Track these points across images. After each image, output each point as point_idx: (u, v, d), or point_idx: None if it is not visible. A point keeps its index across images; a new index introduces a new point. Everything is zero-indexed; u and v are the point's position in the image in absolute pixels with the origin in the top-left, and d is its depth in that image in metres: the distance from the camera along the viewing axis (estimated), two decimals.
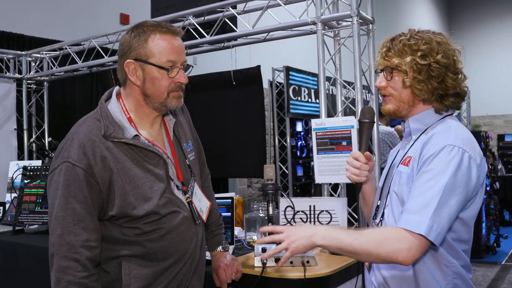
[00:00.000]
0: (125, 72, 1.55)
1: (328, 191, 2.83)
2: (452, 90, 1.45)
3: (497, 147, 11.58)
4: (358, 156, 1.60)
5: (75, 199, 1.43)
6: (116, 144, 1.49)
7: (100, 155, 1.46)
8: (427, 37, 1.46)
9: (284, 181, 6.44)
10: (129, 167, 1.49)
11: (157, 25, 1.55)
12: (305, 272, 1.84)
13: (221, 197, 2.61)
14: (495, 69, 14.15)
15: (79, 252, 1.42)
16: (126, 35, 1.57)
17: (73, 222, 1.43)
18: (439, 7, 15.24)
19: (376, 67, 1.56)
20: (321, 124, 2.55)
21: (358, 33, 2.74)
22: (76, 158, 1.44)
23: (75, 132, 1.52)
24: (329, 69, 2.95)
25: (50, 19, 5.01)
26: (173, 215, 1.56)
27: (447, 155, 1.34)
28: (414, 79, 1.44)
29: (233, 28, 3.43)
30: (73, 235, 1.42)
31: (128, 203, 1.48)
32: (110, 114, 1.54)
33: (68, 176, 1.44)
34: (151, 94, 1.54)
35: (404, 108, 1.51)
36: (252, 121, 4.11)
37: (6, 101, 4.63)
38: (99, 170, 1.45)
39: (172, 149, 1.65)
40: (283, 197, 2.45)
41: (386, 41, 1.52)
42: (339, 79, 2.98)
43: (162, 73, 1.52)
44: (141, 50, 1.52)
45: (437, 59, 1.42)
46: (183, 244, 1.58)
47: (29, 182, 3.01)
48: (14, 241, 2.80)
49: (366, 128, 1.63)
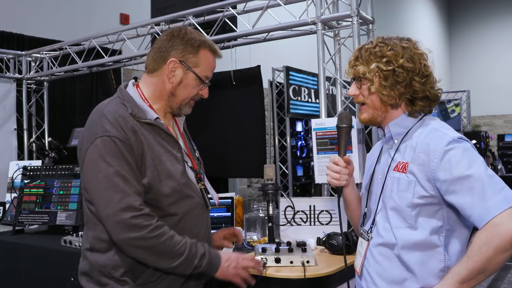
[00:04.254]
0: (163, 64, 1.63)
1: (328, 191, 2.83)
2: (421, 94, 1.47)
3: (497, 147, 11.58)
4: (337, 160, 1.64)
5: (121, 167, 1.48)
6: (141, 124, 1.57)
7: (131, 129, 1.53)
8: (392, 43, 1.49)
9: (284, 181, 6.44)
10: (154, 144, 1.57)
11: (206, 41, 1.68)
12: (305, 272, 1.84)
13: (221, 197, 2.61)
14: (495, 69, 14.15)
15: (142, 209, 1.48)
16: (175, 33, 1.65)
17: (128, 188, 1.48)
18: (439, 7, 15.23)
19: (347, 77, 1.60)
20: (321, 124, 2.55)
21: (358, 33, 2.74)
22: (113, 131, 1.50)
23: (103, 110, 1.57)
24: (329, 69, 2.95)
25: (50, 19, 5.01)
26: (189, 199, 1.63)
27: (460, 148, 1.36)
28: (380, 85, 1.47)
29: (233, 28, 3.43)
30: (133, 199, 1.47)
31: (155, 175, 1.54)
32: (131, 98, 1.63)
33: (109, 149, 1.49)
34: (178, 95, 1.66)
35: (379, 115, 1.53)
36: (252, 121, 4.11)
37: (6, 101, 4.63)
38: (133, 142, 1.52)
39: (184, 140, 1.77)
40: (283, 197, 2.45)
41: (356, 50, 1.57)
42: (339, 79, 2.98)
43: (197, 84, 1.66)
44: (191, 56, 1.63)
45: (401, 63, 1.44)
46: (196, 228, 1.65)
47: (29, 182, 3.01)
48: (14, 241, 2.80)
49: (344, 133, 1.66)
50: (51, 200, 2.93)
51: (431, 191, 1.38)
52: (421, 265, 1.40)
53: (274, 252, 1.95)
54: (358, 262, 1.59)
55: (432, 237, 1.40)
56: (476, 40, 14.77)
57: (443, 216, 1.40)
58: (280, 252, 1.94)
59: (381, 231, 1.49)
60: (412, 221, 1.41)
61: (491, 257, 1.26)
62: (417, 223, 1.41)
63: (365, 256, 1.54)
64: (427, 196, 1.39)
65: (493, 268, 1.28)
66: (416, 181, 1.40)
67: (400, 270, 1.43)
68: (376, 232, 1.52)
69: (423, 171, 1.39)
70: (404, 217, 1.43)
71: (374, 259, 1.50)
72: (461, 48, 15.14)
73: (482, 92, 13.14)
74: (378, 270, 1.49)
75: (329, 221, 2.36)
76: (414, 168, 1.41)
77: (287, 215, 2.40)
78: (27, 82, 4.81)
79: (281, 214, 2.40)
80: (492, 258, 1.26)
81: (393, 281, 1.45)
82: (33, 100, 4.96)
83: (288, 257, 1.92)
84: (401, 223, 1.43)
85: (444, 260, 1.39)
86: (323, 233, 2.24)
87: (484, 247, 1.26)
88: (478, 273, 1.28)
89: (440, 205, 1.40)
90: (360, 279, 1.58)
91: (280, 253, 1.94)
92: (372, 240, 1.53)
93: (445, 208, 1.40)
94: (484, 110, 13.75)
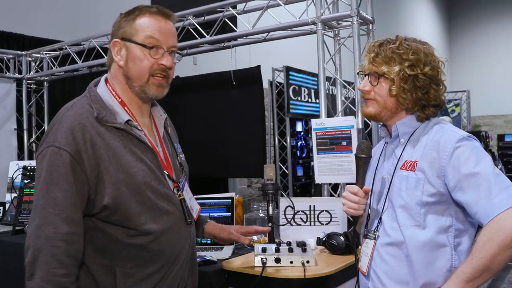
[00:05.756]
0: (111, 53, 1.49)
1: (328, 191, 2.83)
2: (433, 101, 1.49)
3: (497, 147, 11.59)
4: (356, 191, 1.54)
5: (57, 187, 1.31)
6: (108, 129, 1.40)
7: (90, 141, 1.35)
8: (414, 46, 1.48)
9: (284, 181, 6.44)
10: (121, 154, 1.39)
11: (149, 6, 1.50)
12: (305, 272, 1.84)
13: (221, 197, 2.62)
14: (495, 69, 14.15)
15: (57, 246, 1.28)
16: (118, 17, 1.52)
17: (54, 212, 1.29)
18: (439, 7, 15.23)
19: (360, 70, 1.57)
20: (321, 124, 2.55)
21: (358, 33, 2.74)
22: (63, 141, 1.33)
23: (63, 116, 1.40)
24: (329, 69, 2.95)
25: (50, 19, 5.01)
26: (167, 214, 1.46)
27: (469, 146, 1.38)
28: (400, 88, 1.46)
29: (233, 28, 3.43)
30: (52, 227, 1.28)
31: (122, 192, 1.36)
32: (100, 98, 1.45)
33: (52, 161, 1.32)
34: (132, 76, 1.46)
35: (386, 114, 1.53)
36: (252, 121, 4.10)
37: (6, 101, 4.63)
38: (88, 157, 1.33)
39: (162, 144, 1.57)
40: (283, 197, 2.45)
41: (374, 45, 1.53)
42: (339, 79, 2.98)
43: (144, 52, 1.45)
44: (127, 28, 1.47)
45: (425, 71, 1.45)
46: (178, 245, 1.50)
47: (29, 182, 3.01)
48: (14, 241, 2.80)
49: (363, 163, 1.57)
50: None
51: (440, 188, 1.39)
52: (429, 264, 1.40)
53: (274, 252, 1.94)
54: (364, 262, 1.57)
55: (440, 236, 1.40)
56: (476, 40, 14.77)
57: (451, 215, 1.41)
58: (280, 252, 1.94)
59: (388, 230, 1.48)
60: (421, 219, 1.41)
61: (495, 254, 1.26)
62: (426, 222, 1.41)
63: (371, 256, 1.53)
64: (436, 193, 1.40)
65: (497, 266, 1.28)
66: (425, 179, 1.41)
67: (407, 269, 1.43)
68: (383, 232, 1.51)
69: (433, 167, 1.40)
70: (412, 215, 1.43)
71: (382, 258, 1.49)
72: (461, 48, 15.14)
73: (482, 92, 13.14)
74: (386, 269, 1.48)
75: (329, 221, 2.36)
76: (424, 165, 1.42)
77: (287, 215, 2.39)
78: (27, 82, 4.80)
79: (281, 214, 2.40)
80: (496, 255, 1.26)
81: (401, 281, 1.44)
82: (33, 100, 4.96)
83: (288, 257, 1.92)
84: (409, 221, 1.43)
85: (451, 259, 1.40)
86: (323, 233, 2.24)
87: (488, 243, 1.27)
88: (483, 271, 1.29)
89: (448, 204, 1.40)
90: (367, 280, 1.56)
91: (280, 253, 1.93)
92: (379, 240, 1.51)
93: (453, 207, 1.41)
94: (484, 110, 13.75)
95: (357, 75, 1.63)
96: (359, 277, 1.60)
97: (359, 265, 1.60)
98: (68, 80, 5.00)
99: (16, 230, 2.93)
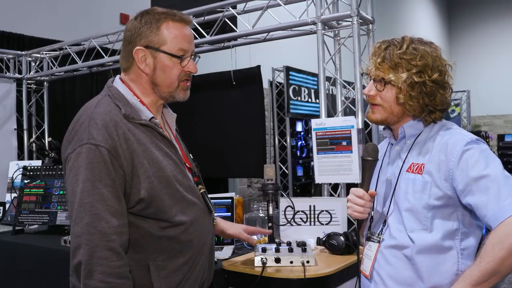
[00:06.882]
0: (132, 59, 1.49)
1: (328, 191, 2.83)
2: (440, 106, 1.46)
3: (497, 147, 11.58)
4: (362, 195, 1.51)
5: (101, 183, 1.33)
6: (135, 125, 1.43)
7: (123, 136, 1.38)
8: (422, 50, 1.44)
9: (284, 181, 6.44)
10: (151, 149, 1.43)
11: (169, 13, 1.51)
12: (305, 272, 1.84)
13: (221, 197, 2.61)
14: (495, 69, 14.14)
15: (112, 240, 1.32)
16: (134, 21, 1.51)
17: (103, 208, 1.32)
18: (439, 7, 15.23)
19: (366, 72, 1.54)
20: (321, 124, 2.55)
21: (358, 33, 2.74)
22: (100, 138, 1.34)
23: (92, 112, 1.41)
24: (329, 69, 2.95)
25: (50, 19, 5.01)
26: (194, 205, 1.51)
27: (477, 149, 1.36)
28: (407, 95, 1.43)
29: (233, 28, 3.43)
30: (105, 222, 1.31)
31: (155, 185, 1.40)
32: (123, 96, 1.48)
33: (91, 159, 1.33)
34: (161, 83, 1.50)
35: (393, 120, 1.51)
36: (252, 121, 4.10)
37: (6, 101, 4.63)
38: (123, 151, 1.37)
39: (177, 141, 1.63)
40: (283, 197, 2.45)
41: (380, 48, 1.48)
42: (339, 79, 2.98)
43: (174, 62, 1.49)
44: (153, 37, 1.47)
45: (433, 78, 1.42)
46: (203, 237, 1.54)
47: (29, 182, 3.01)
48: (14, 241, 2.80)
49: (369, 166, 1.53)
50: (51, 200, 2.93)
51: (448, 191, 1.38)
52: (435, 267, 1.39)
53: (274, 252, 1.95)
54: (367, 265, 1.55)
55: (447, 239, 1.39)
56: (476, 40, 14.76)
57: (458, 218, 1.40)
58: (280, 252, 1.94)
59: (394, 233, 1.47)
60: (427, 223, 1.40)
61: (504, 257, 1.23)
62: (433, 225, 1.40)
63: (375, 259, 1.51)
64: (443, 196, 1.38)
65: (506, 270, 1.25)
66: (433, 182, 1.39)
67: (412, 272, 1.42)
68: (388, 234, 1.49)
69: (441, 170, 1.38)
70: (419, 219, 1.41)
71: (386, 261, 1.48)
72: (461, 48, 15.13)
73: (482, 92, 13.13)
74: (390, 272, 1.46)
75: (329, 221, 2.36)
76: (432, 167, 1.40)
77: (287, 215, 2.39)
78: (27, 82, 4.80)
79: (281, 214, 2.40)
80: (506, 258, 1.23)
81: (405, 283, 1.43)
82: (33, 100, 4.96)
83: (288, 257, 1.92)
84: (416, 225, 1.42)
85: (457, 263, 1.38)
86: (323, 233, 2.24)
87: (497, 246, 1.24)
88: (491, 275, 1.26)
89: (455, 207, 1.39)
90: (370, 282, 1.55)
91: (280, 253, 1.94)
92: (383, 242, 1.50)
93: (460, 210, 1.39)
94: (484, 110, 13.74)
95: (361, 76, 1.61)
96: (361, 279, 1.59)
97: (362, 267, 1.58)
98: (68, 80, 5.00)
99: (16, 230, 2.93)
